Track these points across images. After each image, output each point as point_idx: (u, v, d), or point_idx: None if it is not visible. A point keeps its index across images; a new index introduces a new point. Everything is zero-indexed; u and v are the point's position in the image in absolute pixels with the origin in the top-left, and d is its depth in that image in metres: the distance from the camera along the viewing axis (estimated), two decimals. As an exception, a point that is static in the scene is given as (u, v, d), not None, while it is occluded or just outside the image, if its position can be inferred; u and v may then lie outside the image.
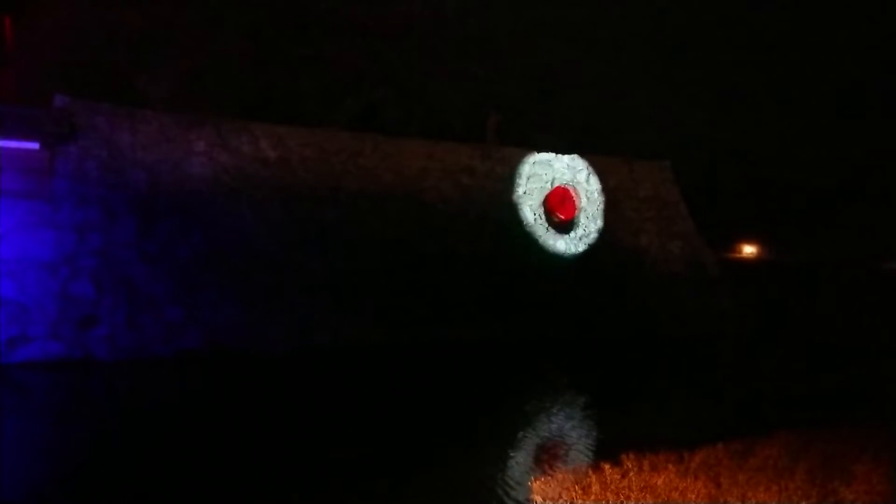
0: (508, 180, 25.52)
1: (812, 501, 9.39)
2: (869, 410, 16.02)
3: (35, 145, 18.42)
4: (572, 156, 26.83)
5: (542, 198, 25.95)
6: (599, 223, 26.77)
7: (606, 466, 10.50)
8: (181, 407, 15.03)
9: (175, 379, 17.39)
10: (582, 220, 26.44)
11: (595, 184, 26.99)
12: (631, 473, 10.20)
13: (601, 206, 26.95)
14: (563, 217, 26.32)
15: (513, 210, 25.30)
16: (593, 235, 26.49)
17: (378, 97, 30.28)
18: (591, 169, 27.00)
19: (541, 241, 25.41)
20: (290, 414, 14.64)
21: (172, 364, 18.20)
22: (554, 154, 26.49)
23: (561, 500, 9.52)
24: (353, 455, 11.91)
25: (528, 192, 25.65)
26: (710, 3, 38.65)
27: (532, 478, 10.67)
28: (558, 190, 26.41)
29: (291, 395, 16.28)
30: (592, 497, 9.46)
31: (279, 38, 28.98)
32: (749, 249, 46.34)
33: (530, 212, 25.46)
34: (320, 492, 10.41)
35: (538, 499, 9.76)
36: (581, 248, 26.10)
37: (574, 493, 9.60)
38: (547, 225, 25.71)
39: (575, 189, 26.65)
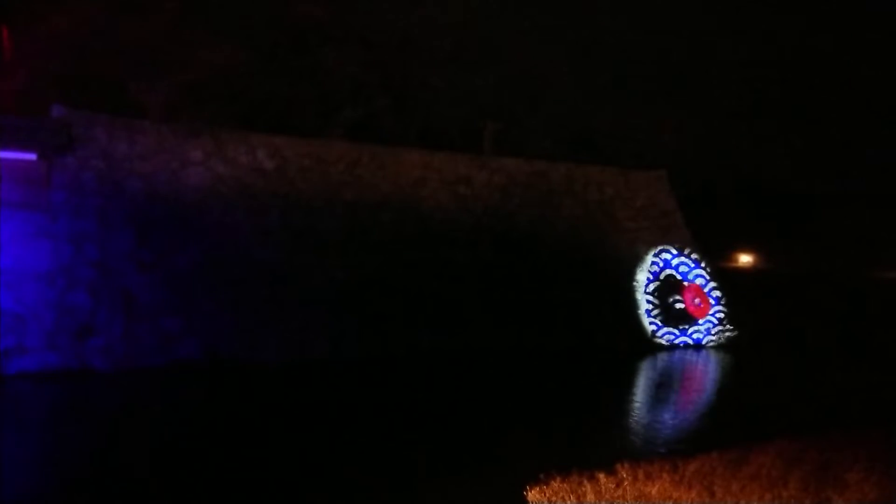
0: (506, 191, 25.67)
1: (805, 510, 9.43)
2: (863, 417, 16.08)
3: (32, 156, 18.45)
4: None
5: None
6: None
7: (601, 475, 10.51)
8: (178, 418, 15.03)
9: (172, 389, 17.35)
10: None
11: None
12: (625, 482, 10.21)
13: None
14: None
15: (510, 219, 25.38)
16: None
17: (376, 107, 30.36)
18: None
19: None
20: (288, 425, 14.62)
21: (169, 374, 18.19)
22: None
23: (555, 510, 9.53)
24: (350, 466, 11.93)
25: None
26: (707, 12, 38.91)
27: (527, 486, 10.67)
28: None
29: (289, 406, 16.24)
30: (587, 506, 9.48)
31: (277, 47, 29.06)
32: (745, 258, 46.43)
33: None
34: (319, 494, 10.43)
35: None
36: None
37: (569, 502, 9.61)
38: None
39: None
